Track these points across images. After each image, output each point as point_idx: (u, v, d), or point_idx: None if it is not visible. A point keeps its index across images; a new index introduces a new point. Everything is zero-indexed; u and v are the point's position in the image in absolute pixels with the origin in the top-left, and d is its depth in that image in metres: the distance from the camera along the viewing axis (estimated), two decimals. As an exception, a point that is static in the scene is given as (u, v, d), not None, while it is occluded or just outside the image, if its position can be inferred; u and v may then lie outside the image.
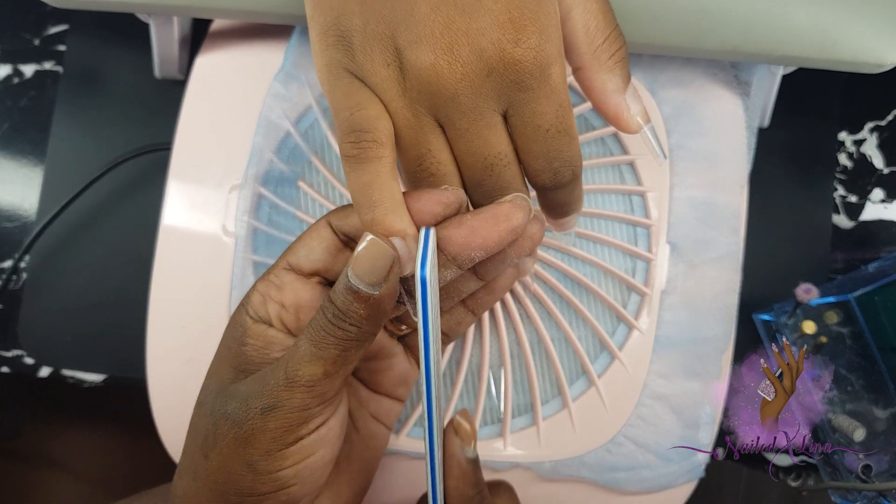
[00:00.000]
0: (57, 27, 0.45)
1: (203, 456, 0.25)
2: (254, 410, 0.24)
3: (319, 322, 0.24)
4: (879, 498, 0.39)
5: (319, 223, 0.27)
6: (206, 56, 0.38)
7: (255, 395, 0.25)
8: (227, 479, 0.25)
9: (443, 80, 0.24)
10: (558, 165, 0.26)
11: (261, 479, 0.25)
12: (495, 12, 0.24)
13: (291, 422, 0.25)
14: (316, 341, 0.24)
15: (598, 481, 0.35)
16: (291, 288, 0.27)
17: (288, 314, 0.27)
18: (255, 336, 0.26)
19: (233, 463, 0.25)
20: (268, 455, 0.25)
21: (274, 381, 0.24)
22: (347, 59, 0.25)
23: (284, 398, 0.24)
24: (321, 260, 0.27)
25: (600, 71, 0.27)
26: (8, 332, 0.43)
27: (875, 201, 0.44)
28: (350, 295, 0.24)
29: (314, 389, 0.24)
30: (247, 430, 0.24)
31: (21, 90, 0.45)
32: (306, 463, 0.25)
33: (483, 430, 0.35)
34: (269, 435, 0.24)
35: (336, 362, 0.24)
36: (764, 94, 0.39)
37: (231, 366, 0.26)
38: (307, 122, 0.37)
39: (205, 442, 0.25)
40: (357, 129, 0.24)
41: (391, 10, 0.24)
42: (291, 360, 0.24)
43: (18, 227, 0.44)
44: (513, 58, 0.24)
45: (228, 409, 0.25)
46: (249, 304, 0.27)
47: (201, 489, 0.25)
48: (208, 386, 0.27)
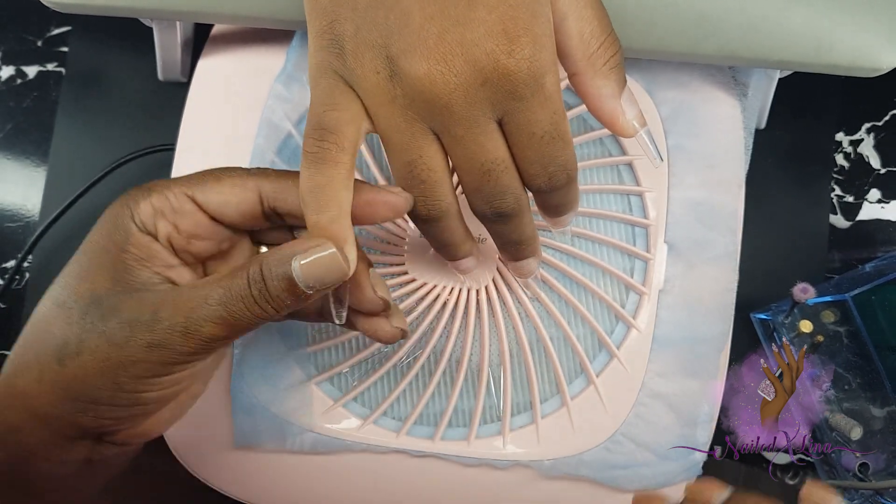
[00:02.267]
0: (60, 28, 0.45)
1: (57, 361, 0.25)
2: (138, 341, 0.24)
3: (240, 292, 0.24)
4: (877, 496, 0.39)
5: (245, 182, 0.27)
6: (209, 58, 0.38)
7: (142, 327, 0.24)
8: (83, 389, 0.24)
9: (437, 90, 0.24)
10: (553, 170, 0.27)
11: (121, 396, 0.25)
12: (489, 23, 0.24)
13: (175, 360, 0.25)
14: (229, 308, 0.24)
15: (596, 479, 0.35)
16: (192, 219, 0.27)
17: (179, 238, 0.27)
18: (137, 246, 0.26)
19: (96, 377, 0.24)
20: (137, 379, 0.25)
21: (170, 323, 0.24)
22: (338, 63, 0.25)
23: (176, 342, 0.24)
24: (231, 216, 0.27)
25: (595, 77, 0.27)
26: (11, 332, 0.43)
27: (872, 201, 0.45)
28: (285, 284, 0.24)
29: (210, 345, 0.25)
30: (125, 356, 0.24)
31: (24, 91, 0.45)
32: (174, 389, 0.26)
33: (483, 428, 0.35)
34: (147, 365, 0.24)
35: (241, 331, 0.25)
36: (761, 96, 0.40)
37: (107, 272, 0.25)
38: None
39: (63, 348, 0.25)
40: (323, 128, 0.25)
41: (385, 18, 0.24)
42: (196, 313, 0.24)
43: (21, 227, 0.44)
44: (507, 68, 0.24)
45: (107, 327, 0.24)
46: (137, 213, 0.26)
47: (44, 391, 0.25)
48: (77, 288, 0.25)
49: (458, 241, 0.30)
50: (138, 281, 0.26)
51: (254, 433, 0.35)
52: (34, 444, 0.25)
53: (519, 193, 0.27)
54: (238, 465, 0.35)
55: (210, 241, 0.28)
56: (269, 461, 0.35)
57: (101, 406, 0.25)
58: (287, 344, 0.35)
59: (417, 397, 0.35)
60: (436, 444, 0.35)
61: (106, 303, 0.25)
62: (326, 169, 0.25)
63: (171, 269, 0.27)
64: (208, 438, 0.35)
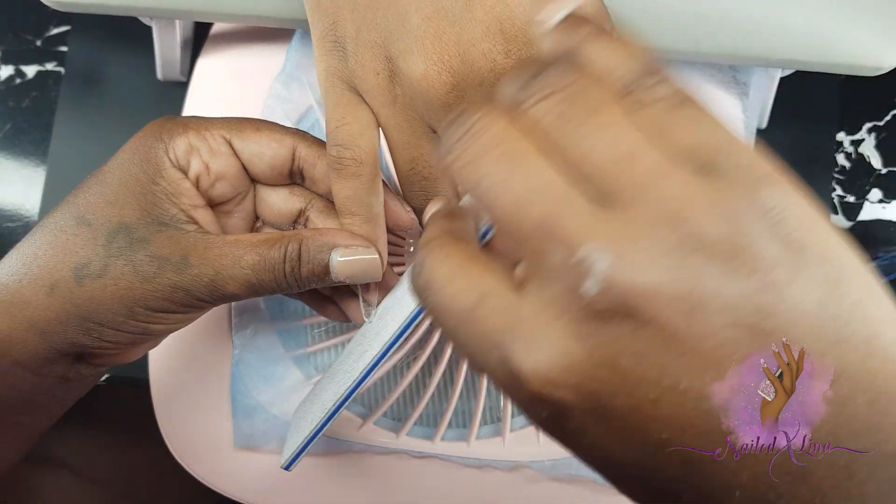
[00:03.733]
0: (59, 28, 0.45)
1: (75, 278, 0.25)
2: (165, 279, 0.25)
3: (273, 263, 0.25)
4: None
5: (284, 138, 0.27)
6: (208, 58, 0.38)
7: (171, 267, 0.25)
8: (95, 310, 0.25)
9: (434, 90, 0.24)
10: None
11: (131, 324, 0.25)
12: (486, 23, 0.24)
13: (192, 305, 0.26)
14: (259, 275, 0.25)
15: (597, 479, 0.35)
16: (225, 162, 0.27)
17: (207, 178, 0.27)
18: (168, 180, 0.26)
19: (113, 302, 0.25)
20: (152, 312, 0.25)
21: (199, 272, 0.25)
22: (341, 66, 0.26)
23: (201, 291, 0.25)
24: (260, 167, 0.27)
25: None
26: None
27: (873, 201, 0.44)
28: (319, 271, 0.25)
29: (227, 300, 0.26)
30: (149, 290, 0.25)
31: (23, 91, 0.45)
32: (178, 326, 0.27)
33: (483, 428, 0.35)
34: (166, 303, 0.25)
35: (257, 295, 0.26)
36: (762, 95, 0.39)
37: (136, 202, 0.26)
38: (308, 122, 0.37)
39: (84, 267, 0.25)
40: (339, 144, 0.26)
41: (384, 18, 0.24)
42: (226, 270, 0.25)
43: (20, 227, 0.44)
44: (504, 68, 0.24)
45: (135, 258, 0.25)
46: (172, 147, 0.26)
47: (55, 306, 0.25)
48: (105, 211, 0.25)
49: None
50: (167, 216, 0.26)
51: (254, 434, 0.35)
52: (21, 353, 0.26)
53: None
54: (238, 465, 0.35)
55: (232, 188, 0.28)
56: (270, 461, 0.35)
57: (108, 330, 0.25)
58: (286, 345, 0.35)
59: (417, 398, 0.35)
60: (436, 445, 0.35)
61: (135, 233, 0.25)
62: (349, 182, 0.26)
63: (195, 208, 0.27)
64: (208, 439, 0.35)
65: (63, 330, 0.25)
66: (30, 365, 0.26)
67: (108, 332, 0.26)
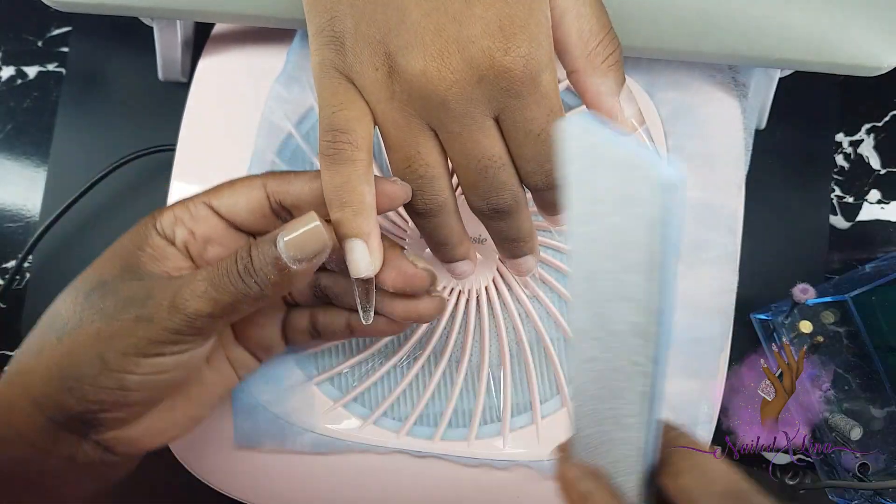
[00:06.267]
0: (60, 29, 0.45)
1: (56, 338, 0.25)
2: (128, 314, 0.25)
3: (227, 268, 0.25)
4: (876, 497, 0.39)
5: (254, 182, 0.28)
6: (209, 59, 0.38)
7: (135, 302, 0.25)
8: (72, 363, 0.25)
9: (433, 87, 0.24)
10: (550, 168, 0.27)
11: (106, 375, 0.25)
12: (486, 20, 0.24)
13: (159, 338, 0.25)
14: (216, 284, 0.25)
15: (596, 480, 0.35)
16: (207, 223, 0.27)
17: (195, 243, 0.27)
18: (153, 247, 0.27)
19: (85, 351, 0.25)
20: (123, 356, 0.25)
21: (159, 299, 0.25)
22: (339, 60, 0.26)
23: (162, 317, 0.25)
24: (242, 216, 0.28)
25: (594, 74, 0.27)
26: (11, 332, 0.43)
27: (872, 202, 0.45)
28: (270, 258, 0.25)
29: (194, 323, 0.25)
30: (113, 328, 0.25)
31: (24, 91, 0.45)
32: (157, 377, 0.26)
33: (483, 428, 0.35)
34: (133, 340, 0.25)
35: (225, 309, 0.25)
36: (761, 96, 0.40)
37: (119, 263, 0.27)
38: (309, 123, 0.37)
39: (63, 326, 0.25)
40: (335, 129, 0.25)
41: (383, 14, 0.24)
42: (184, 289, 0.25)
43: (22, 228, 0.44)
44: (503, 66, 0.24)
45: (104, 304, 0.25)
46: (159, 220, 0.27)
47: (40, 368, 0.25)
48: (87, 275, 0.27)
49: (454, 241, 0.30)
50: (146, 272, 0.26)
51: (254, 433, 0.35)
52: (23, 424, 0.26)
53: (516, 190, 0.27)
54: (238, 465, 0.35)
55: (224, 248, 0.28)
56: (270, 461, 0.35)
57: (86, 386, 0.25)
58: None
59: (417, 397, 0.35)
60: (436, 445, 0.35)
61: (110, 285, 0.26)
62: (344, 168, 0.25)
63: (181, 270, 0.27)
64: (208, 438, 0.35)
65: (49, 392, 0.25)
66: (33, 438, 0.26)
67: (87, 388, 0.25)
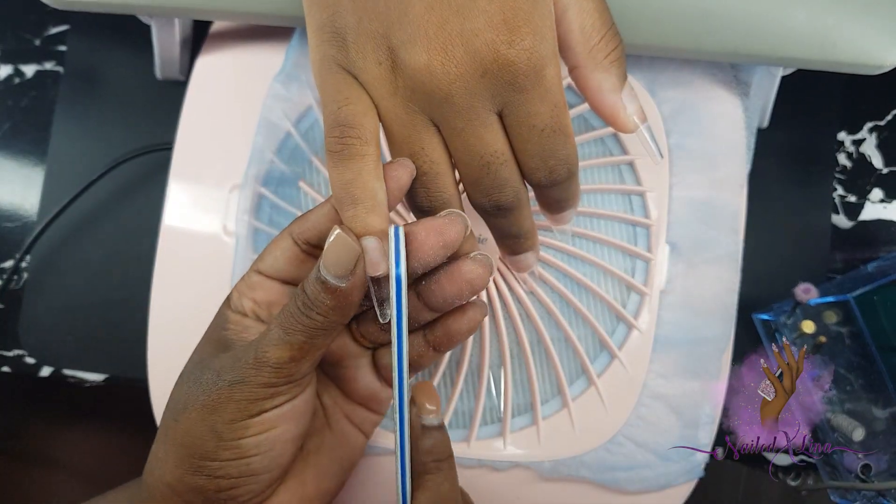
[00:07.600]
0: (58, 27, 0.45)
1: (174, 420, 0.27)
2: (223, 381, 0.26)
3: (290, 310, 0.26)
4: (879, 497, 0.39)
5: (282, 234, 0.29)
6: (207, 57, 0.38)
7: (226, 369, 0.26)
8: (192, 442, 0.26)
9: (437, 81, 0.24)
10: (553, 164, 0.26)
11: (223, 445, 0.26)
12: (489, 13, 0.24)
13: (256, 395, 0.26)
14: (285, 327, 0.25)
15: (597, 481, 0.35)
16: (261, 288, 0.29)
17: (260, 309, 0.29)
18: (234, 323, 0.28)
19: (199, 427, 0.26)
20: (231, 423, 0.26)
21: (245, 359, 0.26)
22: (341, 56, 0.25)
23: (251, 375, 0.26)
24: (284, 269, 0.29)
25: (596, 70, 0.27)
26: (9, 332, 0.43)
27: (874, 201, 0.44)
28: (318, 285, 0.25)
29: (280, 371, 0.26)
30: (214, 398, 0.26)
31: (22, 90, 0.45)
32: (268, 435, 0.26)
33: (483, 429, 0.35)
34: (234, 405, 0.26)
35: (302, 348, 0.26)
36: (763, 95, 0.39)
37: (212, 344, 0.28)
38: (308, 122, 0.37)
39: (176, 407, 0.27)
40: (342, 124, 0.25)
41: (385, 8, 0.24)
42: (261, 343, 0.26)
43: (19, 227, 0.44)
44: (507, 59, 0.24)
45: (202, 378, 0.26)
46: (231, 299, 0.29)
47: (169, 452, 0.27)
48: (191, 360, 0.28)
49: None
50: (233, 345, 0.28)
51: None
52: None
53: (518, 187, 0.27)
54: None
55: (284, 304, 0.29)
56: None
57: (209, 462, 0.26)
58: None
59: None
60: (436, 445, 0.35)
61: (206, 362, 0.27)
62: (353, 164, 0.25)
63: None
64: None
65: (180, 475, 0.26)
66: None
67: (211, 465, 0.26)
